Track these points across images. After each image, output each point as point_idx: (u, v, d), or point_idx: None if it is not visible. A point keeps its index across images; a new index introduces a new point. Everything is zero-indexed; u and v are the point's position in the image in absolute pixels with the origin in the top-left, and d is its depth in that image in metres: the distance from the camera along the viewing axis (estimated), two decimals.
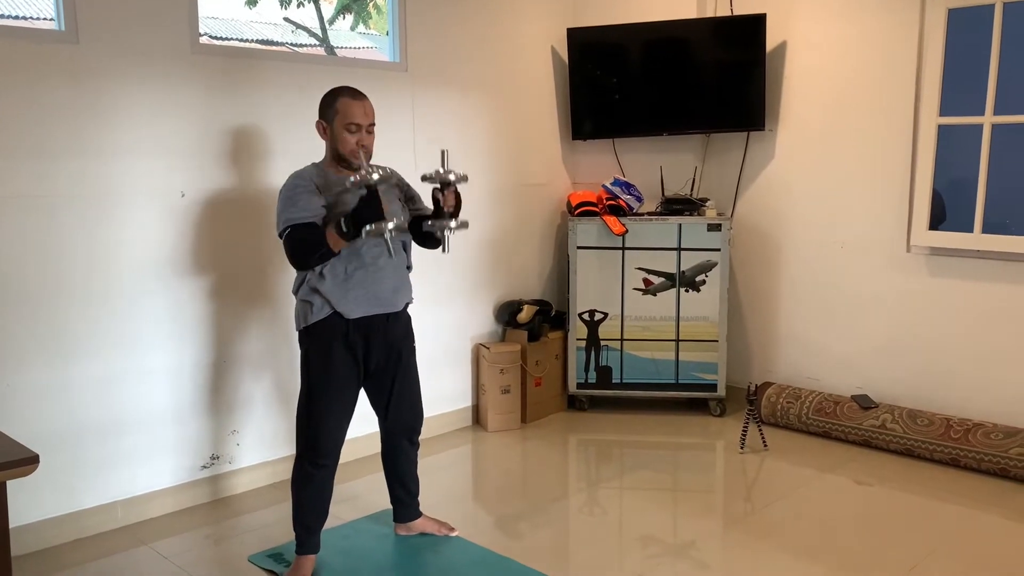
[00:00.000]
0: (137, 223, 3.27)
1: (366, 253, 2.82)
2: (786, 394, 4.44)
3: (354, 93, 2.82)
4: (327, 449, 2.85)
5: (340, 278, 2.78)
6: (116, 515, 3.30)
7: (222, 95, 3.47)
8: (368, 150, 2.83)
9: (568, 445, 4.35)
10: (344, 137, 2.78)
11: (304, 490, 2.87)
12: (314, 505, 2.89)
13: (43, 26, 3.15)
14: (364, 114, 2.80)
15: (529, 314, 4.58)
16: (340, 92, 2.82)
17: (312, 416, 2.84)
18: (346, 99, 2.79)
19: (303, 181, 2.78)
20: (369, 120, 2.82)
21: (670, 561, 3.04)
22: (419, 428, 3.14)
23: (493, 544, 3.15)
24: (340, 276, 2.78)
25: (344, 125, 2.78)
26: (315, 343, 2.84)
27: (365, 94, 2.85)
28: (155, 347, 3.36)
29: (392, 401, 3.00)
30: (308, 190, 2.75)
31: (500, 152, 4.63)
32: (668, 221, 4.54)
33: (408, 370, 3.03)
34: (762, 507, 3.51)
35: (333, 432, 2.85)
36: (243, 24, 4.99)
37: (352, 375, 2.87)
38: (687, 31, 4.64)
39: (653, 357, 4.63)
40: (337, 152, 2.82)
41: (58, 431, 3.12)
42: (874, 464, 3.93)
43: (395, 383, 2.98)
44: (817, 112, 4.42)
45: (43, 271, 3.05)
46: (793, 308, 4.63)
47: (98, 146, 3.14)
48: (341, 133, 2.78)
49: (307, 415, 2.86)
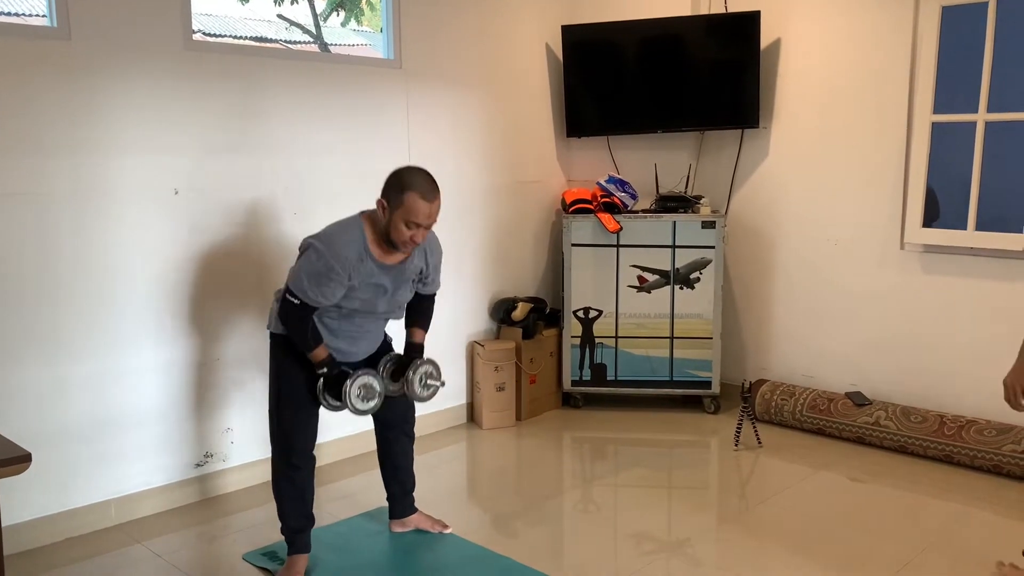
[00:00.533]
0: (130, 220, 3.26)
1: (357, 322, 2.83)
2: (780, 391, 4.45)
3: (426, 190, 2.65)
4: (300, 450, 2.86)
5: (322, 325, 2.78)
6: (109, 513, 3.29)
7: (215, 92, 3.45)
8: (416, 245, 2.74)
9: (563, 442, 4.35)
10: (400, 230, 2.65)
11: (284, 492, 2.88)
12: (296, 506, 2.88)
13: (35, 23, 3.14)
14: (429, 215, 2.66)
15: (524, 312, 4.58)
16: (413, 185, 2.64)
17: (282, 420, 2.85)
18: (416, 197, 2.62)
19: (341, 268, 2.64)
20: (432, 221, 2.70)
21: (664, 558, 3.04)
22: (412, 420, 3.14)
23: (488, 541, 3.15)
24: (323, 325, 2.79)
25: (405, 220, 2.64)
26: (282, 349, 2.83)
27: (438, 190, 2.70)
28: (149, 345, 3.35)
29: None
30: (340, 282, 2.65)
31: (494, 149, 4.63)
32: (662, 218, 4.54)
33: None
34: (756, 504, 3.51)
35: (303, 433, 2.86)
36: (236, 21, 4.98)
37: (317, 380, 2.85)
38: (681, 28, 4.63)
39: (648, 354, 4.63)
40: (388, 235, 2.69)
41: (51, 429, 3.11)
42: (868, 461, 3.94)
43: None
44: (811, 110, 4.43)
45: (35, 268, 3.04)
46: (787, 305, 4.63)
47: (90, 143, 3.13)
48: (399, 225, 2.64)
49: (277, 419, 2.86)
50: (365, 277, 2.71)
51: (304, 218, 3.76)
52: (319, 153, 3.82)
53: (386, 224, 2.68)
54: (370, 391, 2.78)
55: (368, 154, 4.00)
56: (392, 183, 2.69)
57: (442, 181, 4.37)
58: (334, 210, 3.87)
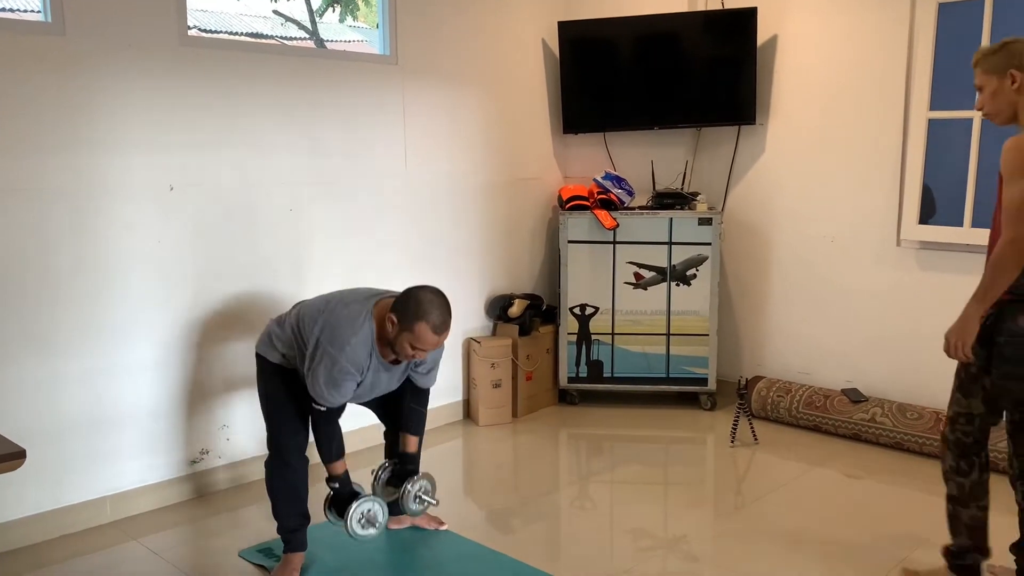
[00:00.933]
0: (125, 217, 3.25)
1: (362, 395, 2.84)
2: (776, 388, 4.45)
3: (438, 325, 2.63)
4: (293, 450, 2.86)
5: None
6: (105, 511, 3.28)
7: (211, 88, 3.44)
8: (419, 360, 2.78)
9: (559, 439, 4.35)
10: (405, 348, 2.65)
11: (278, 491, 2.88)
12: (290, 505, 2.88)
13: (30, 18, 3.12)
14: (435, 346, 2.68)
15: (520, 308, 4.57)
16: (427, 316, 2.60)
17: (272, 422, 2.87)
18: (427, 329, 2.60)
19: (355, 368, 2.66)
20: (436, 348, 2.73)
21: (661, 554, 3.04)
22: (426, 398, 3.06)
23: (484, 538, 3.15)
24: None
25: (411, 343, 2.63)
26: (266, 371, 2.88)
27: (450, 320, 2.68)
28: (144, 342, 3.34)
29: (388, 401, 3.01)
30: (354, 379, 2.68)
31: (491, 146, 4.62)
32: (659, 215, 4.54)
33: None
34: (752, 500, 3.51)
35: (294, 436, 2.86)
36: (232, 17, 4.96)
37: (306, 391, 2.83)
38: (678, 25, 4.63)
39: (644, 351, 4.63)
40: (392, 346, 2.69)
41: (46, 426, 3.10)
42: (864, 457, 3.94)
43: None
44: (808, 106, 4.43)
45: (30, 265, 3.03)
46: (783, 302, 4.64)
47: (85, 139, 3.12)
48: (404, 345, 2.64)
49: (268, 421, 2.88)
50: (372, 371, 2.75)
51: (300, 214, 3.75)
52: (315, 149, 3.80)
53: (393, 337, 2.66)
54: (370, 522, 2.81)
55: (364, 150, 3.99)
56: (407, 305, 2.63)
57: (438, 178, 4.38)
58: (330, 207, 3.88)
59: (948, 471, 2.72)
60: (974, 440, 2.68)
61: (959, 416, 2.69)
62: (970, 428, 2.67)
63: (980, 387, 2.62)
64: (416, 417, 3.01)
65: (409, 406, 2.99)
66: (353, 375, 2.67)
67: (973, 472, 2.69)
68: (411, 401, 2.98)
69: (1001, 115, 2.54)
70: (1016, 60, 2.45)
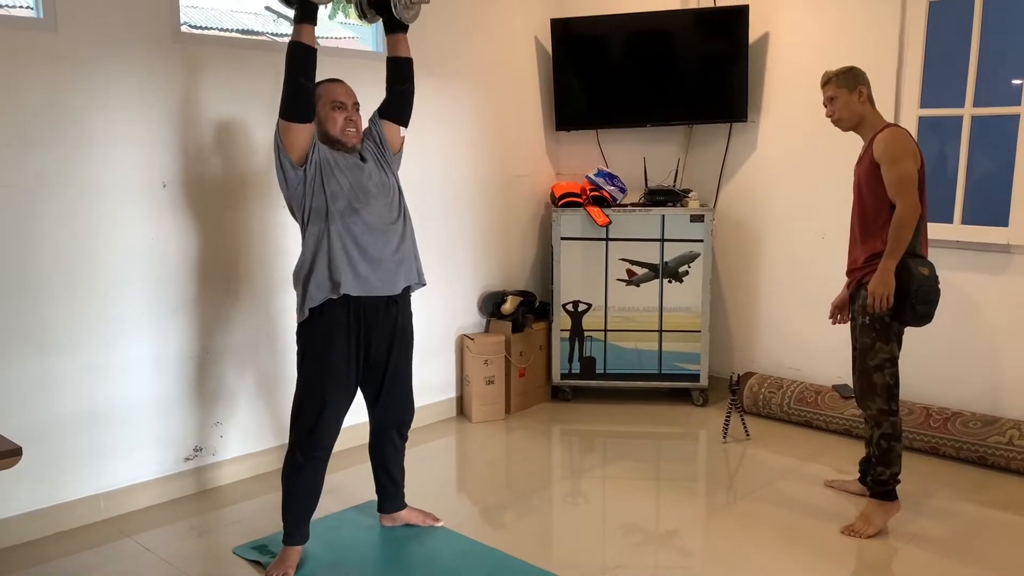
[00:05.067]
0: (118, 213, 3.24)
1: (369, 235, 2.81)
2: (768, 384, 4.47)
3: (331, 79, 2.90)
4: (322, 440, 2.83)
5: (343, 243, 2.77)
6: (99, 507, 3.28)
7: (203, 84, 3.44)
8: (358, 129, 2.89)
9: (552, 435, 4.36)
10: (332, 116, 2.83)
11: (296, 481, 2.86)
12: (305, 496, 2.88)
13: (21, 14, 3.11)
14: (347, 93, 2.87)
15: (513, 305, 4.58)
16: (322, 81, 2.86)
17: (310, 407, 2.81)
18: (325, 83, 2.86)
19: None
20: (353, 99, 2.89)
21: (653, 549, 3.06)
22: (409, 422, 3.13)
23: (477, 534, 3.16)
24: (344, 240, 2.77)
25: (330, 104, 2.82)
26: (315, 333, 2.81)
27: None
28: (137, 339, 3.33)
29: (383, 393, 2.99)
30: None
31: (484, 143, 4.63)
32: (651, 212, 4.55)
33: (401, 363, 3.01)
34: (744, 496, 3.54)
35: (330, 423, 2.83)
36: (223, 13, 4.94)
37: (352, 365, 2.85)
38: (670, 22, 4.64)
39: (636, 347, 4.65)
40: (328, 135, 2.84)
41: (39, 423, 3.09)
42: (855, 453, 3.95)
43: (387, 375, 2.97)
44: (799, 103, 4.44)
45: (23, 262, 3.02)
46: (775, 298, 4.66)
47: (77, 135, 3.11)
48: (328, 114, 2.83)
49: (304, 405, 2.83)
50: (326, 157, 2.80)
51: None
52: None
53: (322, 127, 2.84)
54: None
55: None
56: None
57: (431, 175, 4.39)
58: None
59: (880, 413, 3.15)
60: (895, 381, 3.15)
61: (885, 362, 3.14)
62: (895, 370, 3.15)
63: (895, 332, 3.13)
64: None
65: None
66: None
67: (900, 410, 3.18)
68: None
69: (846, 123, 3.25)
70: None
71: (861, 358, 3.20)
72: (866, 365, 3.16)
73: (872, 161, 3.10)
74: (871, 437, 3.19)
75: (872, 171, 3.11)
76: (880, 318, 3.10)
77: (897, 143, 3.06)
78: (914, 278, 3.04)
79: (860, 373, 3.21)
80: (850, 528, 3.17)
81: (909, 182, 3.02)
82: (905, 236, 3.03)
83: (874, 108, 3.23)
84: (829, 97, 3.25)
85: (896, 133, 3.10)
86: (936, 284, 3.11)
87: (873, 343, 3.14)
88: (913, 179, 3.03)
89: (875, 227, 3.15)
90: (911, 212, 3.01)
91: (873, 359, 3.14)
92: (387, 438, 3.10)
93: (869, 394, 3.17)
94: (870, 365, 3.15)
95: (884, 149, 3.06)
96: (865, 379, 3.18)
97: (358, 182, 2.83)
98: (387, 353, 2.94)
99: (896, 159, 3.03)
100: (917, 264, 3.07)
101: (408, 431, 3.15)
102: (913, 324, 3.12)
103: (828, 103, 3.27)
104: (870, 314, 3.11)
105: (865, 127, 3.22)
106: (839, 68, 3.27)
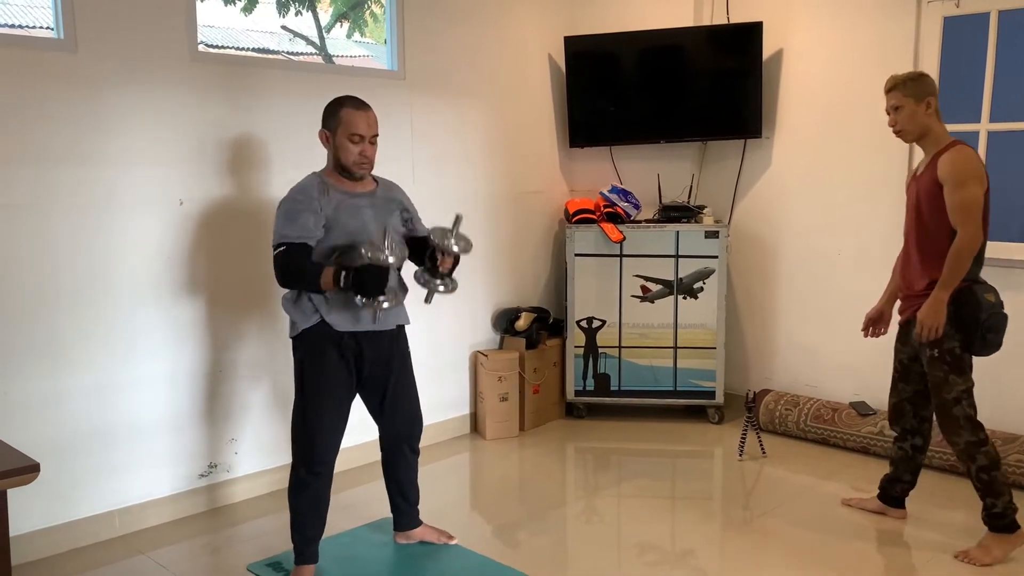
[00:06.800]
0: (135, 231, 3.27)
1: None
2: (784, 401, 4.44)
3: (358, 103, 2.80)
4: (323, 457, 2.84)
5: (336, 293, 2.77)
6: (113, 524, 3.29)
7: (220, 103, 3.47)
8: (370, 163, 2.84)
9: (566, 453, 4.34)
10: (347, 147, 2.77)
11: (301, 499, 2.86)
12: (311, 514, 2.88)
13: (42, 35, 3.15)
14: (368, 125, 2.79)
15: (527, 322, 4.58)
16: (344, 102, 2.80)
17: (307, 424, 2.83)
18: (350, 109, 2.77)
19: (304, 197, 2.74)
20: (372, 131, 2.81)
21: (668, 569, 3.03)
22: (418, 435, 3.13)
23: (492, 552, 3.15)
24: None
25: (347, 136, 2.76)
26: (308, 350, 2.83)
27: (369, 104, 2.84)
28: (152, 355, 3.35)
29: (388, 408, 2.99)
30: (310, 208, 2.72)
31: (498, 160, 4.64)
32: (666, 228, 4.55)
33: (403, 376, 3.02)
34: (760, 514, 3.50)
35: (328, 439, 2.85)
36: (240, 33, 5.00)
37: (346, 382, 2.86)
38: (684, 39, 4.65)
39: (651, 364, 4.63)
40: (339, 162, 2.81)
41: (55, 440, 3.11)
42: (872, 471, 3.92)
43: (389, 390, 2.97)
44: (814, 119, 4.43)
45: (40, 279, 3.05)
46: (791, 315, 4.63)
47: (96, 154, 3.14)
48: (344, 144, 2.77)
49: (302, 423, 2.84)
50: (337, 203, 2.78)
51: None
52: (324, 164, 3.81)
53: (334, 152, 2.80)
54: (380, 245, 2.76)
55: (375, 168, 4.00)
56: (326, 111, 2.84)
57: (445, 191, 4.40)
58: None
59: (968, 446, 2.98)
60: (975, 411, 2.99)
61: (962, 394, 2.97)
62: (972, 399, 2.99)
63: (967, 363, 2.98)
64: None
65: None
66: (306, 204, 2.71)
67: (988, 438, 2.99)
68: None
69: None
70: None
71: (936, 393, 3.03)
72: (943, 399, 3.01)
73: (935, 180, 2.93)
74: (968, 472, 3.03)
75: (934, 191, 2.94)
76: (950, 350, 2.95)
77: (964, 165, 2.89)
78: (983, 307, 2.90)
79: (938, 408, 3.05)
80: (965, 553, 3.02)
81: (974, 208, 2.87)
82: (963, 266, 2.88)
83: (940, 121, 3.03)
84: (893, 106, 3.04)
85: (963, 153, 2.92)
86: (1002, 310, 2.96)
87: (946, 376, 2.98)
88: (978, 205, 2.88)
89: (935, 252, 2.97)
90: (973, 241, 2.86)
91: (949, 392, 2.98)
92: (398, 452, 3.10)
93: (953, 428, 3.00)
94: (947, 399, 2.99)
95: (950, 171, 2.90)
96: (945, 414, 3.02)
97: (364, 230, 2.81)
98: (386, 366, 2.95)
99: (961, 182, 2.87)
100: (983, 291, 2.92)
101: (418, 444, 3.14)
102: (983, 354, 2.96)
103: (891, 111, 3.05)
104: (939, 346, 2.95)
105: (929, 141, 3.03)
106: (907, 74, 3.04)
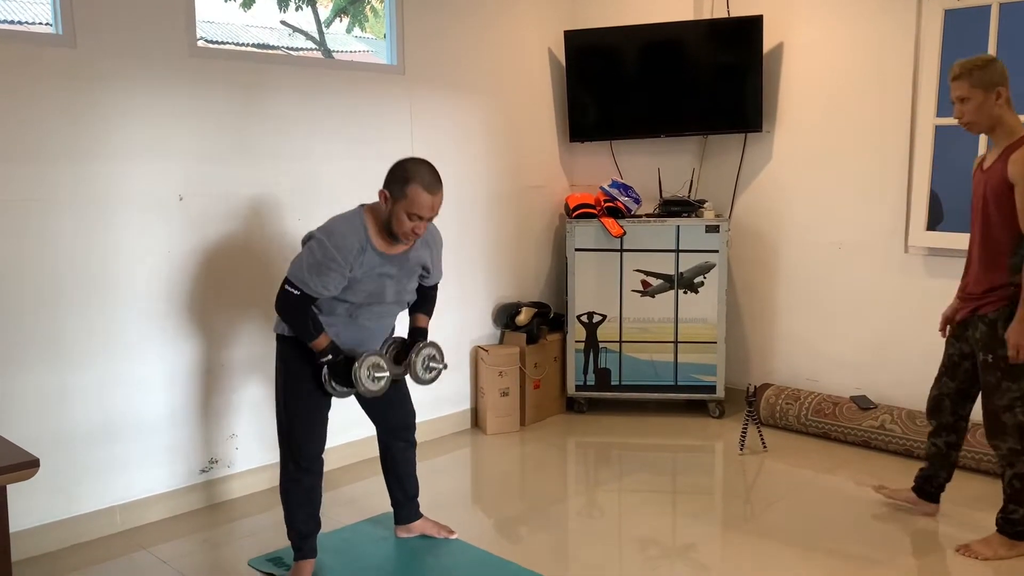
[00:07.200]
0: (135, 227, 3.27)
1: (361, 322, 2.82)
2: (785, 395, 4.44)
3: (429, 183, 2.64)
4: (310, 451, 2.84)
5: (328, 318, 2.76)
6: (115, 520, 3.29)
7: (220, 99, 3.47)
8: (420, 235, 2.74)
9: (567, 447, 4.35)
10: (403, 221, 2.65)
11: (292, 496, 2.86)
12: (304, 510, 2.87)
13: (41, 30, 3.15)
14: (431, 208, 2.66)
15: (527, 316, 4.58)
16: (415, 177, 2.63)
17: (290, 422, 2.83)
18: (419, 189, 2.61)
19: (342, 257, 2.63)
20: (433, 214, 2.69)
21: (669, 563, 3.04)
22: (412, 426, 3.13)
23: (492, 546, 3.15)
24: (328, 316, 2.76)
25: (407, 212, 2.63)
26: (289, 350, 2.82)
27: (441, 182, 2.68)
28: (153, 351, 3.35)
29: (380, 404, 2.99)
30: (340, 272, 2.64)
31: (498, 155, 4.64)
32: (666, 223, 4.54)
33: None
34: (762, 509, 3.50)
35: (312, 435, 2.85)
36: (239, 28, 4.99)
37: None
38: (684, 33, 4.64)
39: (652, 359, 4.63)
40: (390, 227, 2.69)
41: (56, 435, 3.11)
42: (873, 465, 3.93)
43: None
44: (814, 113, 4.43)
45: (39, 275, 3.05)
46: (791, 309, 4.63)
47: (95, 150, 3.14)
48: (401, 216, 2.64)
49: (286, 421, 2.84)
50: (368, 268, 2.71)
51: (308, 224, 3.76)
52: (323, 159, 3.82)
53: (388, 215, 2.68)
54: (379, 370, 2.76)
55: (372, 160, 3.98)
56: (396, 174, 2.68)
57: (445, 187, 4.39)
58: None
59: (1011, 452, 2.93)
60: None
61: (1015, 401, 2.89)
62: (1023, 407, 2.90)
63: (1022, 370, 2.86)
64: (426, 299, 3.02)
65: (420, 295, 2.99)
66: (339, 264, 2.63)
67: None
68: (421, 292, 2.99)
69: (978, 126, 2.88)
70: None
71: (987, 397, 2.96)
72: (993, 405, 2.94)
73: (1005, 179, 2.76)
74: (1003, 475, 2.99)
75: (1004, 189, 2.77)
76: (1006, 356, 2.85)
77: None
78: None
79: (987, 412, 2.97)
80: (966, 547, 3.02)
81: None
82: None
83: (1013, 111, 2.81)
84: (959, 97, 2.82)
85: None
86: None
87: (999, 382, 2.90)
88: None
89: (999, 255, 2.85)
90: None
91: (1001, 399, 2.91)
92: (394, 445, 3.11)
93: (999, 433, 2.94)
94: (998, 405, 2.92)
95: (1021, 169, 2.71)
96: (993, 419, 2.95)
97: (378, 295, 2.79)
98: None
99: None
100: None
101: (414, 435, 3.15)
102: None
103: (957, 102, 2.83)
104: (994, 352, 2.88)
105: (1000, 132, 2.83)
106: (974, 60, 2.79)
